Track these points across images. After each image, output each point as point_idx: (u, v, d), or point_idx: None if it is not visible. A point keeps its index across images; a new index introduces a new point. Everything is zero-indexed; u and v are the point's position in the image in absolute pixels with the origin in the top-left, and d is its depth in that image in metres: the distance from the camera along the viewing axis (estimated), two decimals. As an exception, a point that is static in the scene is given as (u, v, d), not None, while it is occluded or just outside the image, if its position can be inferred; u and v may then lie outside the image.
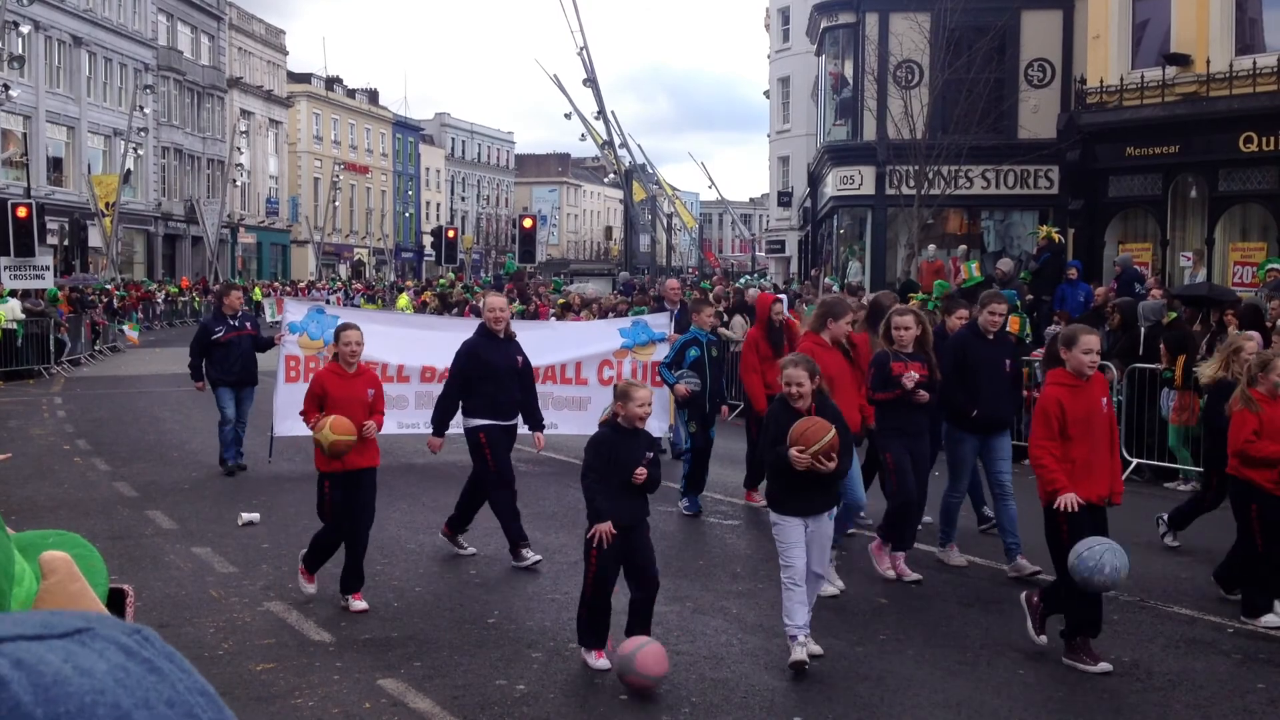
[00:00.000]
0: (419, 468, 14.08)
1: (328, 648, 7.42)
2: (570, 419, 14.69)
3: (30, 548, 1.36)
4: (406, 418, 14.11)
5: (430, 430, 10.16)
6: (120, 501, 12.21)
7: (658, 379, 13.81)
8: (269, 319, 46.63)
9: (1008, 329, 10.78)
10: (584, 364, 14.81)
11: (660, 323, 14.73)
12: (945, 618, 8.14)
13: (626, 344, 14.65)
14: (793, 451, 6.80)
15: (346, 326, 8.57)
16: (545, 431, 14.38)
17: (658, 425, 13.43)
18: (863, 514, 10.21)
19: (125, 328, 36.43)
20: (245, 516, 11.13)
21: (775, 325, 11.75)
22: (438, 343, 13.96)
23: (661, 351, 13.91)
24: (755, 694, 6.63)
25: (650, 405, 7.23)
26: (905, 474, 8.94)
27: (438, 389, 14.44)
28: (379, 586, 8.84)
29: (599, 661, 6.99)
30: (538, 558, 9.45)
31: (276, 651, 7.34)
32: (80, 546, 1.43)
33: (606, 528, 6.89)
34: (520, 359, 9.76)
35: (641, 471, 6.98)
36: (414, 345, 14.48)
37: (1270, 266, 17.22)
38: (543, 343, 14.24)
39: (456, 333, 15.67)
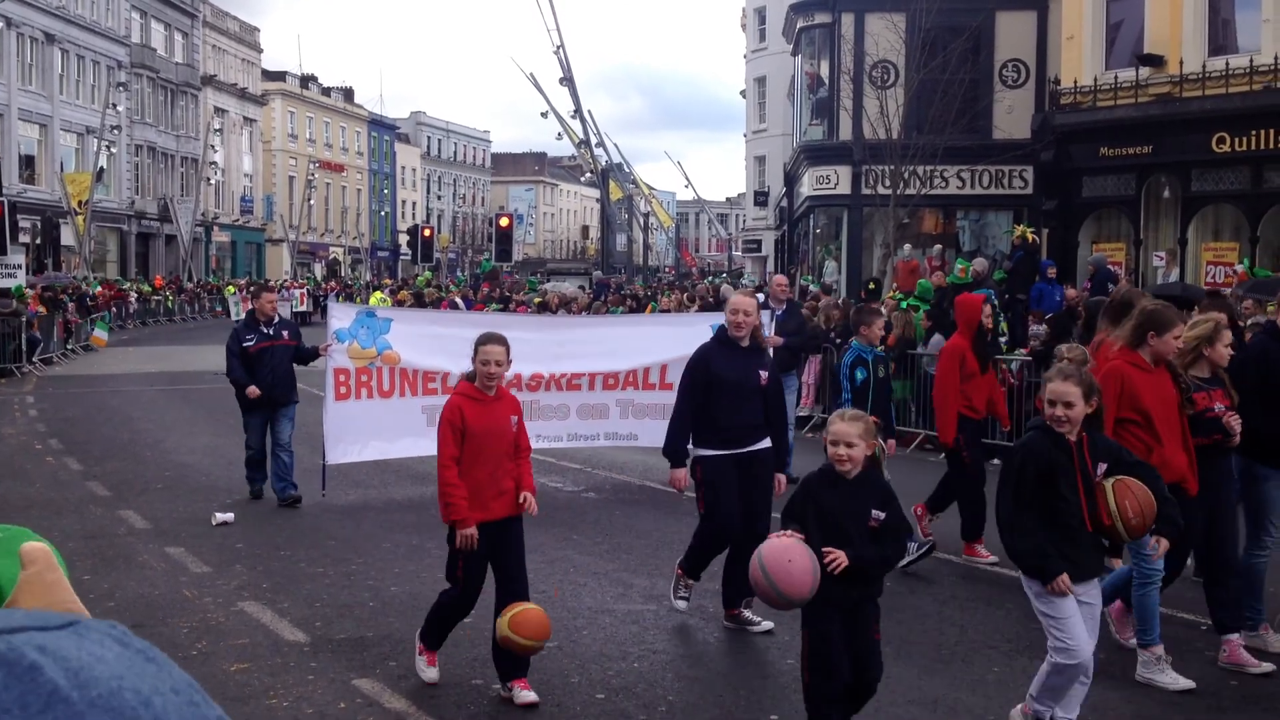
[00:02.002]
0: (393, 464, 13.87)
1: (302, 648, 7.38)
2: (653, 429, 12.58)
3: None
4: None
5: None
6: (93, 501, 12.12)
7: None
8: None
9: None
10: (670, 366, 12.68)
11: (760, 321, 13.11)
12: (921, 616, 8.16)
13: None
14: (1150, 538, 5.70)
15: (488, 339, 6.61)
16: (624, 443, 13.46)
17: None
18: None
19: (96, 329, 35.89)
20: (219, 516, 11.06)
21: (986, 333, 10.03)
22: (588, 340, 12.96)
23: None
24: (732, 692, 6.64)
25: (854, 445, 5.34)
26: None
27: (594, 396, 12.92)
28: (354, 586, 8.81)
29: None
30: (767, 624, 7.64)
31: (251, 652, 7.29)
32: (32, 540, 1.42)
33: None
34: (765, 374, 7.81)
35: (838, 557, 5.16)
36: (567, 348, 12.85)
37: (1239, 268, 17.44)
38: (624, 342, 13.09)
39: (604, 329, 14.10)
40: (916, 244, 29.33)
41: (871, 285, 23.02)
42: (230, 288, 54.74)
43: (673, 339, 13.03)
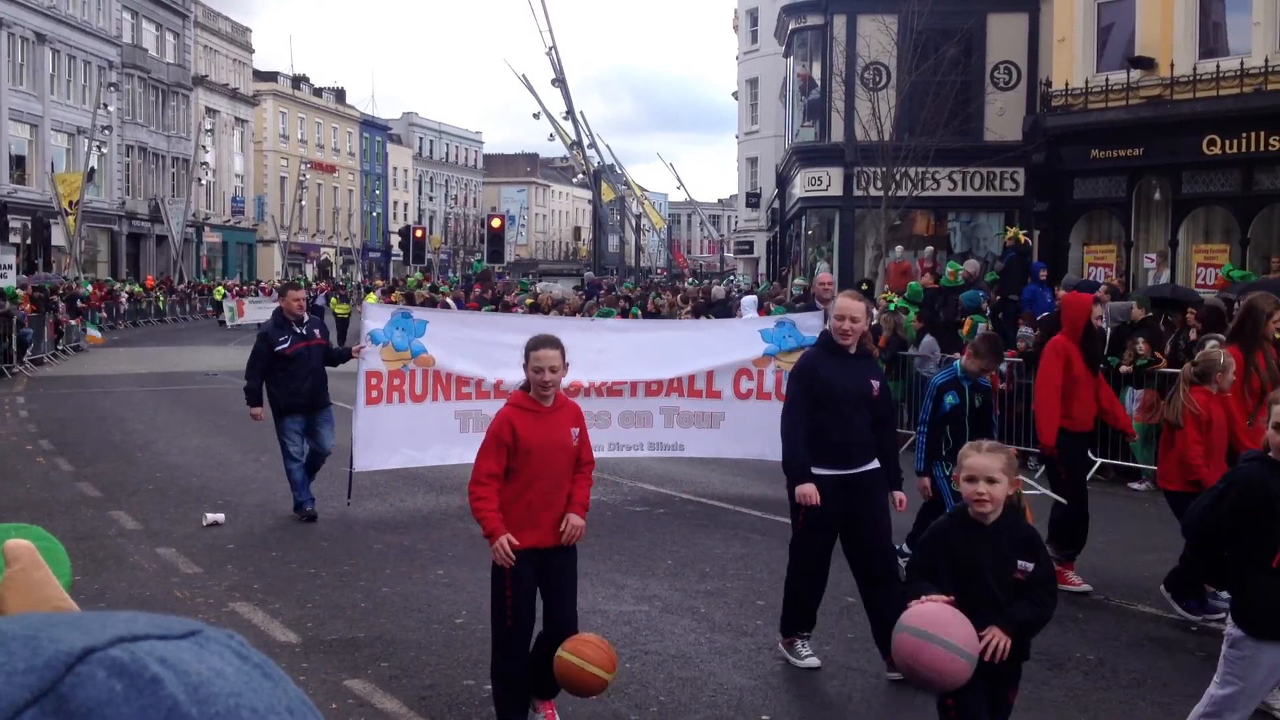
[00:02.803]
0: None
1: (294, 648, 7.37)
2: (699, 438, 12.31)
3: None
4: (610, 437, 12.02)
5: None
6: (84, 502, 12.09)
7: None
8: (229, 322, 46.32)
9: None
10: (717, 374, 12.23)
11: (812, 324, 11.83)
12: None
13: (770, 350, 12.05)
14: None
15: (541, 343, 5.88)
16: (670, 454, 12.83)
17: None
18: None
19: (91, 329, 36.07)
20: (210, 517, 11.04)
21: (1095, 334, 9.34)
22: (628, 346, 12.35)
23: None
24: (724, 692, 6.64)
25: (997, 482, 4.45)
26: None
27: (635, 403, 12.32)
28: (346, 587, 8.80)
29: None
30: (815, 662, 7.02)
31: (242, 652, 7.27)
32: (43, 539, 1.42)
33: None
34: (876, 384, 7.02)
35: (995, 639, 4.33)
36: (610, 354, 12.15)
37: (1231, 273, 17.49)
38: (669, 347, 12.54)
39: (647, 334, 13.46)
40: (908, 245, 29.37)
41: (864, 286, 23.05)
42: (220, 289, 54.58)
43: (718, 346, 12.51)
